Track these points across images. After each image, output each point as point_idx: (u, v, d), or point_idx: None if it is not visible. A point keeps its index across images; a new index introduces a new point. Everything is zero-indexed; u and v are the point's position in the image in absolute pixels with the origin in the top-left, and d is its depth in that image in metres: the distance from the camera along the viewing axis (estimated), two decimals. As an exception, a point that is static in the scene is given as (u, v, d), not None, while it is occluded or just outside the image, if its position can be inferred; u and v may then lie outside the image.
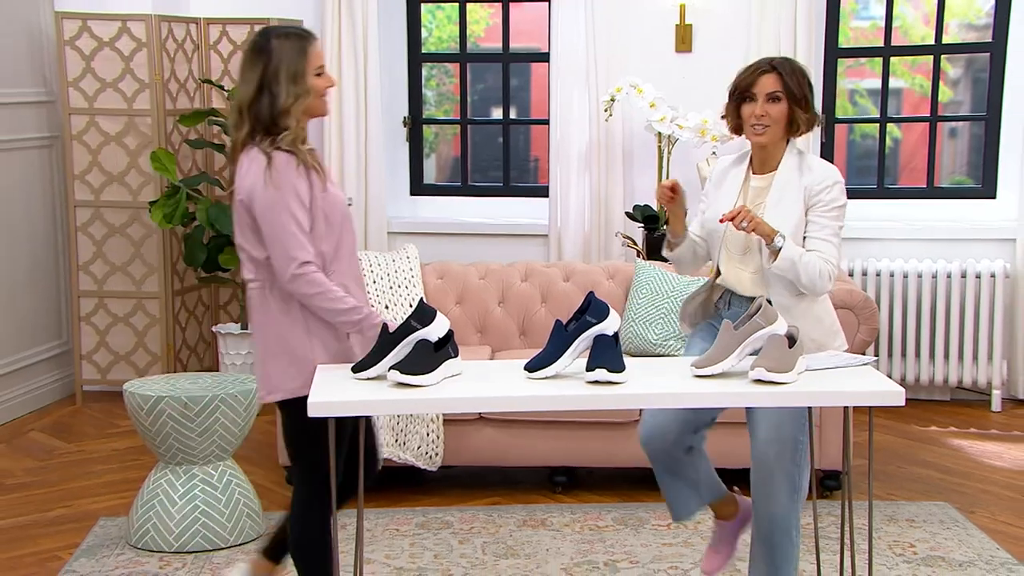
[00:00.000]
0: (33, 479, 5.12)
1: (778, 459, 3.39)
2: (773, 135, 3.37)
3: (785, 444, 3.38)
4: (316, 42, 3.24)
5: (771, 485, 3.41)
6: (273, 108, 3.16)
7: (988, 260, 6.08)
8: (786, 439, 3.38)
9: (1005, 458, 5.38)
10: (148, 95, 6.06)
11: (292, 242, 3.13)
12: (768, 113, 3.34)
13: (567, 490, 4.90)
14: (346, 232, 3.27)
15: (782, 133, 3.38)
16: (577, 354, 3.12)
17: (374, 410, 3.04)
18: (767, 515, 3.45)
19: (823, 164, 3.43)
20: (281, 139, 3.15)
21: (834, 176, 3.39)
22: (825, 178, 3.37)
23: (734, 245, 3.43)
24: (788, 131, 3.39)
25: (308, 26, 6.44)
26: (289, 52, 3.17)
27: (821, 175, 3.37)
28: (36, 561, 4.25)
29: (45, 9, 6.20)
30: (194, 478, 4.30)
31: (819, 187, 3.36)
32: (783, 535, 3.45)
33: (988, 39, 6.26)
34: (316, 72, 3.20)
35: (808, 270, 3.28)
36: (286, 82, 3.15)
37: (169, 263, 6.21)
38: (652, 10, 6.25)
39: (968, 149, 6.60)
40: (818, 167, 3.40)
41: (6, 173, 5.95)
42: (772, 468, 3.40)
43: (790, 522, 3.44)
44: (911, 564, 4.16)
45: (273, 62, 3.16)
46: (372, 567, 4.12)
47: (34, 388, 6.17)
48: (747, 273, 3.42)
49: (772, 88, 3.34)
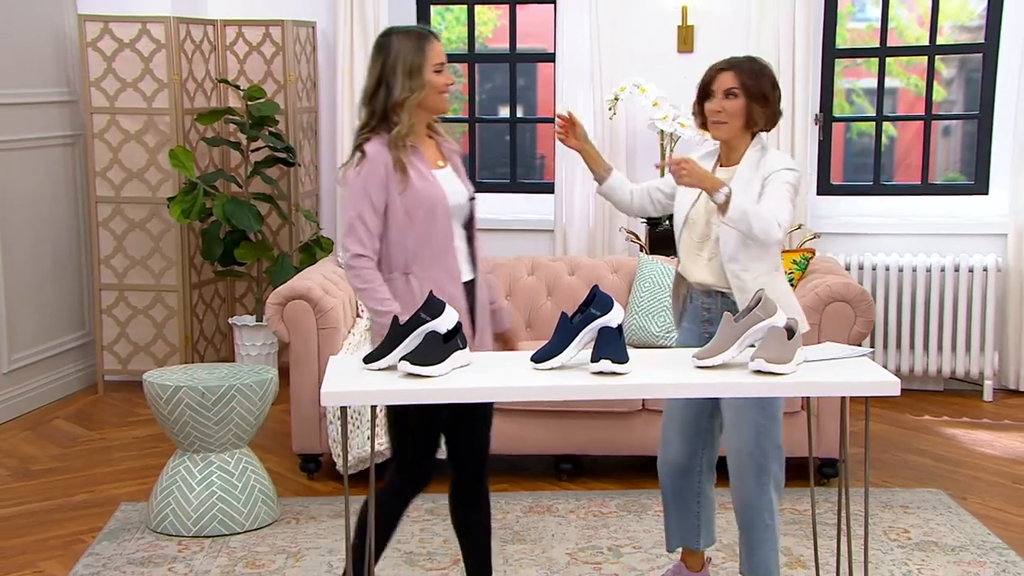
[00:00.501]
0: (57, 465, 5.13)
1: (741, 443, 3.41)
2: (730, 130, 3.38)
3: (747, 428, 3.39)
4: (436, 41, 3.25)
5: (738, 468, 3.43)
6: (388, 101, 3.20)
7: (980, 255, 6.07)
8: (747, 423, 3.39)
9: (996, 446, 5.36)
10: (167, 94, 6.05)
11: (352, 234, 3.20)
12: (724, 109, 3.36)
13: (572, 477, 4.90)
14: (434, 228, 3.23)
15: (740, 128, 3.38)
16: (582, 345, 3.11)
17: (385, 399, 3.03)
18: (739, 499, 3.47)
19: (780, 155, 3.43)
20: (394, 133, 3.19)
21: (787, 164, 3.39)
22: (778, 165, 3.37)
23: (695, 232, 3.44)
24: (747, 126, 3.39)
25: (321, 28, 6.52)
26: (407, 48, 3.20)
27: (775, 164, 3.37)
28: (61, 544, 4.26)
29: (68, 12, 6.20)
30: (211, 465, 4.30)
31: (771, 172, 3.35)
32: (755, 517, 3.45)
33: (980, 40, 6.25)
34: (435, 69, 3.21)
35: (761, 218, 3.24)
36: (402, 76, 3.18)
37: (187, 257, 6.21)
38: (655, 12, 6.23)
39: (961, 147, 6.58)
40: (774, 158, 3.40)
41: (31, 171, 5.95)
42: (738, 453, 3.42)
43: (761, 505, 3.44)
44: (905, 549, 4.15)
45: (391, 57, 3.20)
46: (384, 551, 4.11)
47: (58, 378, 6.17)
48: (703, 259, 3.42)
49: (729, 85, 3.36)
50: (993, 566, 4.00)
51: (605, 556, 4.10)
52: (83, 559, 4.09)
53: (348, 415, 4.38)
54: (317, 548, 4.17)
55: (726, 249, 3.35)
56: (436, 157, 3.34)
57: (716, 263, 3.39)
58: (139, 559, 4.08)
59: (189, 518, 4.25)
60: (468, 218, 3.36)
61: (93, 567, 4.02)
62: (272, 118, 6.00)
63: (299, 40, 6.34)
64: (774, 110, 3.40)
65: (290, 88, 6.28)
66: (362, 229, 3.20)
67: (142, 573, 3.97)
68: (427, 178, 3.24)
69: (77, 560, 4.08)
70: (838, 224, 6.23)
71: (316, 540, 4.24)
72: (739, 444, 3.41)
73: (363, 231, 3.20)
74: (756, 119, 3.38)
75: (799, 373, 3.05)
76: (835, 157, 6.42)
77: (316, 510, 4.53)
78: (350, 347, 4.86)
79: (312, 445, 4.85)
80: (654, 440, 3.74)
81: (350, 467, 4.64)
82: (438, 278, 3.24)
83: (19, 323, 5.86)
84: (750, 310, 3.11)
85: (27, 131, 5.91)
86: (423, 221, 3.22)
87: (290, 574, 3.96)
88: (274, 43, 6.31)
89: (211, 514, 4.25)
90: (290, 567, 4.02)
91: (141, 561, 4.06)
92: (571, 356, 3.10)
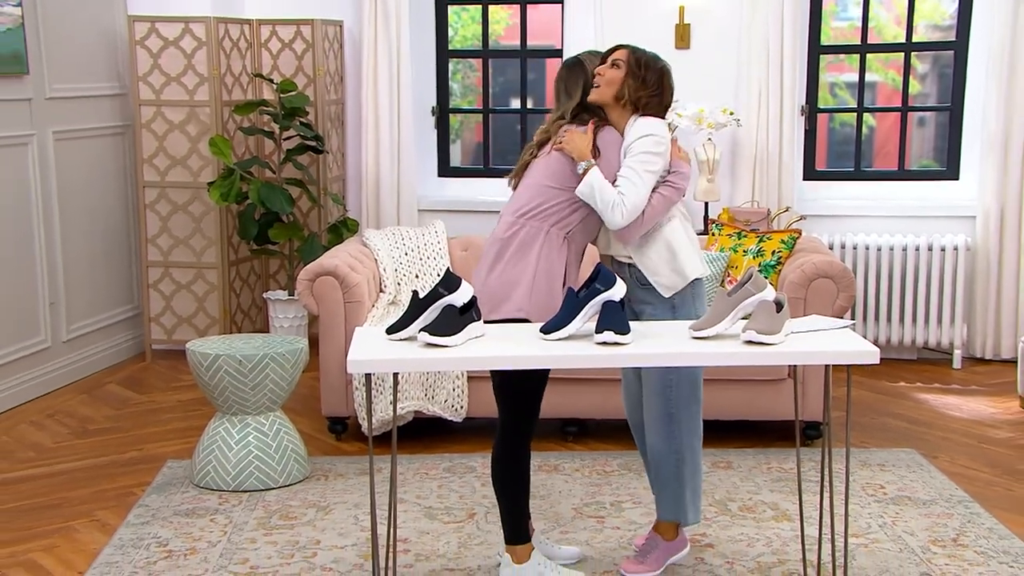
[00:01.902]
0: (111, 425, 5.13)
1: (651, 398, 3.43)
2: (602, 94, 3.33)
3: (657, 385, 3.41)
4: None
5: (650, 418, 3.45)
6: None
7: (951, 235, 6.03)
8: (657, 379, 3.40)
9: (964, 409, 5.33)
10: (207, 88, 6.02)
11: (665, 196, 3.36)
12: (603, 73, 3.34)
13: (578, 439, 4.87)
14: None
15: (612, 97, 3.33)
16: (587, 318, 3.08)
17: (406, 367, 3.00)
18: (649, 442, 3.49)
19: (644, 122, 3.33)
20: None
21: (647, 129, 3.29)
22: (637, 131, 3.29)
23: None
24: (617, 98, 3.33)
25: (348, 27, 6.48)
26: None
27: (636, 131, 3.30)
28: (115, 496, 4.26)
29: (119, 13, 6.18)
30: (248, 426, 4.28)
31: (631, 139, 3.30)
32: (663, 462, 3.47)
33: (952, 39, 6.19)
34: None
35: (603, 198, 3.22)
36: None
37: (225, 237, 6.18)
38: (654, 12, 6.17)
39: (934, 136, 6.53)
40: (637, 125, 3.32)
41: (86, 158, 5.94)
42: (649, 406, 3.45)
43: (673, 456, 3.45)
44: (881, 503, 4.12)
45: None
46: (405, 505, 4.11)
47: (110, 346, 6.17)
48: (606, 232, 3.40)
49: (617, 57, 3.36)
50: (960, 517, 3.99)
51: (608, 511, 4.08)
52: (134, 510, 4.09)
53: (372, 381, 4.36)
54: (344, 503, 4.15)
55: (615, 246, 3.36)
56: None
57: (610, 234, 3.38)
58: (184, 511, 4.08)
59: (228, 474, 4.24)
60: None
61: (143, 517, 4.02)
62: (303, 109, 5.96)
63: (327, 37, 6.29)
64: (651, 95, 3.33)
65: (319, 82, 6.24)
66: None
67: (187, 523, 3.96)
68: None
69: (129, 511, 4.09)
70: (822, 207, 6.19)
71: (343, 495, 4.23)
72: (651, 399, 3.44)
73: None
74: (626, 92, 3.32)
75: (787, 343, 3.02)
76: (820, 145, 6.38)
77: (343, 468, 4.52)
78: (373, 319, 4.84)
79: (339, 409, 4.83)
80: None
81: (374, 429, 4.62)
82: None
83: (75, 297, 5.86)
84: (742, 285, 3.08)
85: (82, 122, 5.90)
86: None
87: (320, 526, 3.95)
88: (305, 40, 6.27)
89: (248, 471, 4.24)
90: (319, 519, 4.00)
91: (186, 512, 4.06)
92: (577, 327, 3.07)
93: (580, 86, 3.39)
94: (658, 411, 3.43)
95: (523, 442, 3.32)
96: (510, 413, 3.31)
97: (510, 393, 3.29)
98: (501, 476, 3.33)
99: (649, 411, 3.46)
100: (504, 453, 3.32)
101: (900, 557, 3.68)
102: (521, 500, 3.35)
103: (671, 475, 3.47)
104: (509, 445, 3.32)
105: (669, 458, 3.45)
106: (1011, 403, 5.41)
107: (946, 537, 3.84)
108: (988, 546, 3.76)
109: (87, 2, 5.94)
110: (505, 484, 3.33)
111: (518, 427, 3.31)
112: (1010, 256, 5.98)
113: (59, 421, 5.19)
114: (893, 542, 3.80)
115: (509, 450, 3.32)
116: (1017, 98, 5.86)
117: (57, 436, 4.97)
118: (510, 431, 3.32)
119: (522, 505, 3.36)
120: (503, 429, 3.33)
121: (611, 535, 3.86)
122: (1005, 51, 5.83)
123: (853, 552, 3.68)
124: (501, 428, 3.34)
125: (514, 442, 3.31)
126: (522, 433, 3.31)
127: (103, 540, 3.85)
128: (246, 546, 3.78)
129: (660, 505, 3.54)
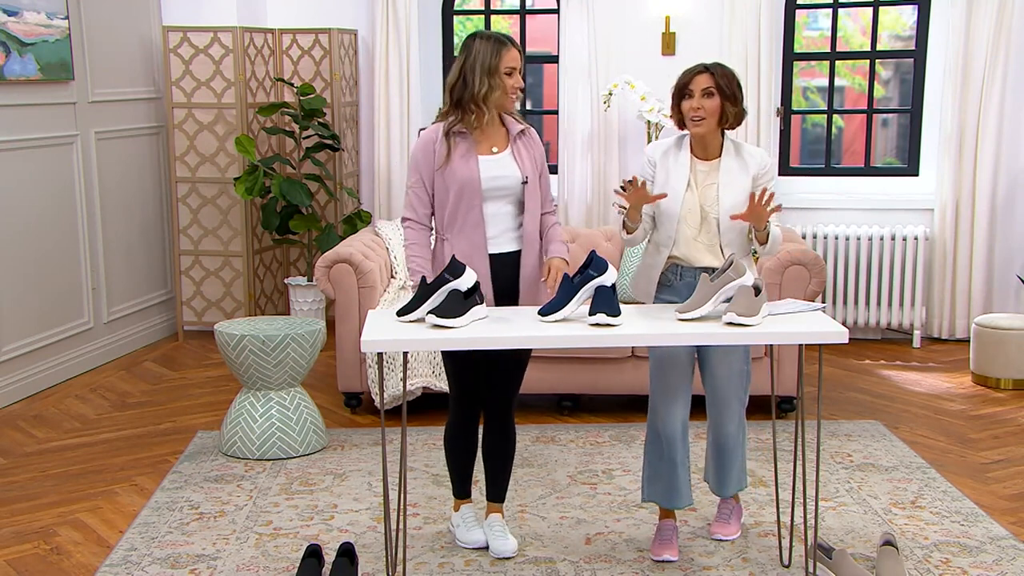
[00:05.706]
0: (148, 399, 5.10)
1: (732, 388, 3.33)
2: (708, 126, 3.21)
3: (738, 376, 3.33)
4: (512, 48, 3.10)
5: (729, 408, 3.35)
6: (464, 93, 3.10)
7: (912, 226, 6.00)
8: (738, 373, 3.32)
9: (923, 384, 5.30)
10: (233, 91, 5.97)
11: (405, 200, 3.20)
12: (703, 107, 3.19)
13: (572, 413, 4.85)
14: (462, 204, 3.12)
15: (716, 124, 3.22)
16: (581, 302, 3.05)
17: (415, 347, 2.97)
18: (724, 432, 3.38)
19: (759, 150, 3.31)
20: (449, 121, 3.12)
21: (768, 159, 3.32)
22: (764, 161, 3.28)
23: (692, 221, 3.26)
24: (720, 123, 3.23)
25: (362, 36, 6.41)
26: (486, 50, 3.07)
27: (761, 160, 3.28)
28: (151, 463, 4.24)
29: (155, 23, 6.14)
30: (271, 401, 4.25)
31: (763, 170, 3.27)
32: (736, 445, 3.41)
33: (912, 48, 6.15)
34: (507, 71, 3.09)
35: (777, 242, 3.23)
36: (479, 74, 3.07)
37: (250, 228, 6.14)
38: (642, 21, 6.13)
39: (896, 136, 6.49)
40: (757, 153, 3.29)
41: (124, 156, 5.90)
42: (729, 396, 3.34)
43: (742, 434, 3.42)
44: (848, 470, 4.10)
45: (471, 56, 3.08)
46: (414, 473, 4.08)
47: (147, 327, 6.14)
48: (702, 245, 3.26)
49: (706, 85, 3.19)
50: (918, 482, 3.98)
51: (600, 478, 4.05)
52: (169, 476, 4.07)
53: (384, 360, 4.34)
54: (359, 471, 4.13)
55: (726, 238, 3.23)
56: (496, 144, 3.19)
57: (716, 248, 3.25)
58: (213, 477, 4.05)
59: (253, 444, 4.21)
60: (519, 198, 3.21)
61: (177, 482, 4.00)
62: (320, 111, 5.92)
63: (343, 45, 6.24)
64: (740, 109, 3.24)
65: (335, 85, 6.19)
66: (412, 196, 3.19)
67: (216, 488, 3.94)
68: (467, 161, 3.13)
69: (164, 476, 4.07)
70: (796, 200, 6.14)
71: (358, 464, 4.20)
72: (733, 390, 3.33)
73: (413, 198, 3.19)
74: (728, 116, 3.22)
75: (764, 324, 2.98)
76: (793, 144, 6.34)
77: (358, 439, 4.49)
78: (385, 303, 4.80)
79: (354, 385, 4.80)
80: (642, 382, 3.69)
81: (386, 403, 4.59)
82: (463, 247, 3.16)
83: (115, 282, 5.83)
84: (724, 271, 3.04)
85: (121, 123, 5.86)
86: (454, 197, 3.14)
87: (337, 491, 3.92)
88: (322, 48, 6.22)
89: (271, 441, 4.22)
90: (337, 485, 3.98)
91: (215, 479, 4.04)
92: (572, 310, 3.03)
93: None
94: (735, 394, 3.34)
95: (450, 417, 3.38)
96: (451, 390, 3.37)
97: (449, 372, 3.31)
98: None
99: (727, 393, 3.33)
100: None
101: (864, 518, 3.66)
102: (450, 464, 3.42)
103: (740, 453, 3.43)
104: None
105: (739, 437, 3.40)
106: (964, 378, 5.39)
107: (906, 500, 3.82)
108: (943, 507, 3.75)
109: (126, 15, 5.90)
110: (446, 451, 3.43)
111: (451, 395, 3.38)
112: (964, 245, 5.95)
113: (101, 395, 5.17)
114: (859, 505, 3.78)
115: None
116: (970, 102, 5.83)
117: (99, 409, 4.95)
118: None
119: (452, 469, 3.42)
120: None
121: (603, 500, 3.84)
122: (959, 59, 5.80)
123: (823, 514, 3.67)
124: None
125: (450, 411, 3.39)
126: (451, 401, 3.37)
127: (141, 503, 3.84)
128: (270, 509, 3.76)
129: (729, 480, 3.45)
